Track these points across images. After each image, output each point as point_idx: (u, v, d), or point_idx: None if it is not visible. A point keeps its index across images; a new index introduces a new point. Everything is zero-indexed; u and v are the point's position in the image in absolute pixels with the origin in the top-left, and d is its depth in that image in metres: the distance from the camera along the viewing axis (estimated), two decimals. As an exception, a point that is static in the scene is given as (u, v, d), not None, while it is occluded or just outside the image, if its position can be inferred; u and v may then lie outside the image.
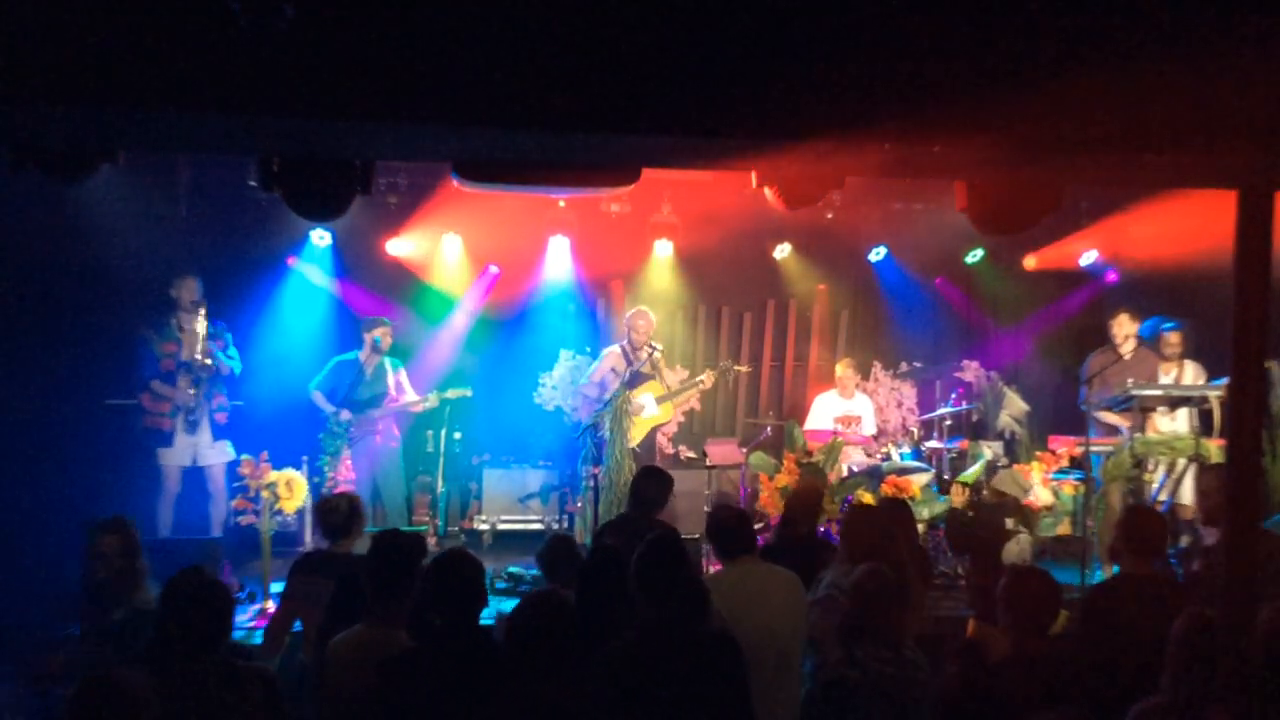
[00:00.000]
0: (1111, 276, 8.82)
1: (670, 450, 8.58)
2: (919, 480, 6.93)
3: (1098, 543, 6.66)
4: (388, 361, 7.22)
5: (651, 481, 4.99)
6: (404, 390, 7.27)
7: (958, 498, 6.28)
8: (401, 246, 8.32)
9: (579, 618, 3.20)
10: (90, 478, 6.41)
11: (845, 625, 3.46)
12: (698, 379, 7.77)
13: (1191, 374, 7.11)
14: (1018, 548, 5.43)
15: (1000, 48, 3.08)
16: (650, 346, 7.45)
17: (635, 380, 7.38)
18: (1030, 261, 9.11)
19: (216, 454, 6.75)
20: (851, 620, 3.44)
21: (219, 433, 6.77)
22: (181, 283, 6.70)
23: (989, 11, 3.08)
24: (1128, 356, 7.23)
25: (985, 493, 6.03)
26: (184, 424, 6.63)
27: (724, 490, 8.02)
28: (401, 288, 8.42)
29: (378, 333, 7.16)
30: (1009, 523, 5.46)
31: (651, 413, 7.40)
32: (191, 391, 6.65)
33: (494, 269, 8.76)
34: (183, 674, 3.00)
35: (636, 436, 7.31)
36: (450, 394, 7.39)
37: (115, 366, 6.85)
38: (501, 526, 8.04)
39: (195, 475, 6.75)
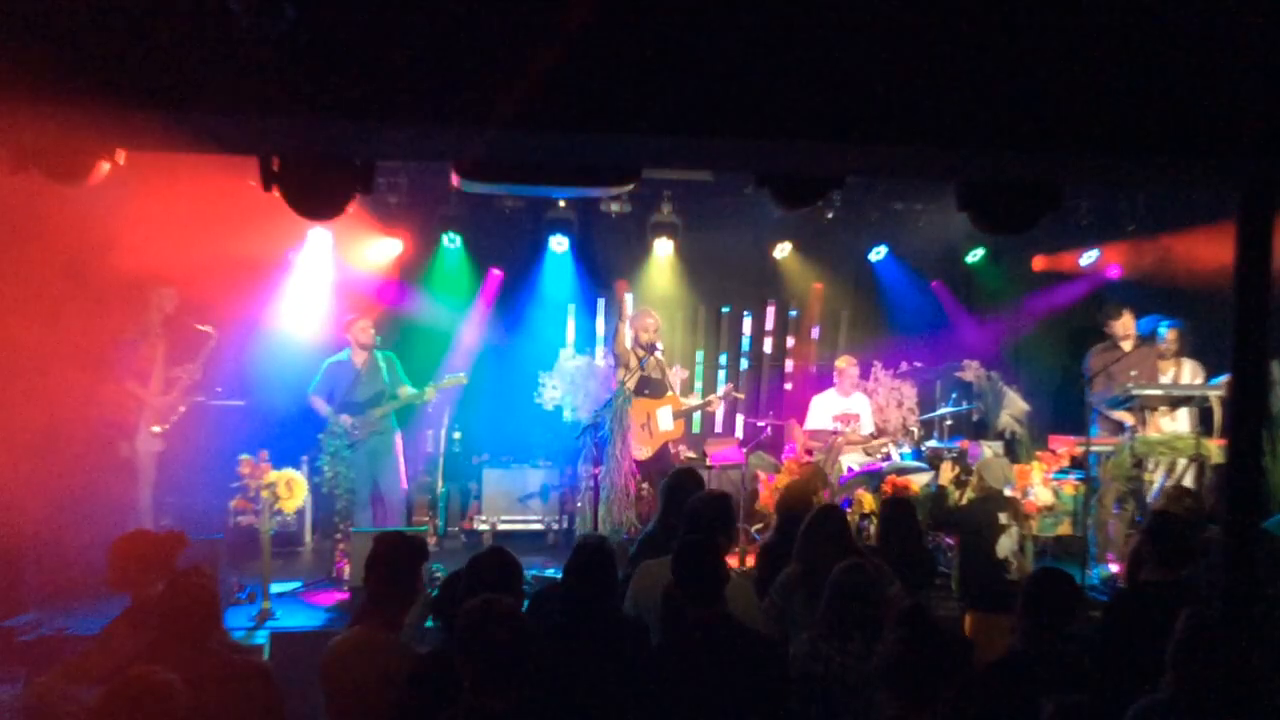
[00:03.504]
0: (1113, 272, 8.84)
1: (672, 451, 8.57)
2: (919, 480, 6.94)
3: (1093, 542, 6.67)
4: (380, 356, 7.20)
5: (691, 484, 4.75)
6: (401, 383, 7.24)
7: (945, 475, 6.31)
8: (403, 246, 8.35)
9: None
10: (86, 474, 6.40)
11: (819, 620, 3.48)
12: (708, 399, 8.07)
13: (1190, 372, 7.11)
14: (1009, 542, 5.45)
15: (1000, 48, 3.08)
16: (655, 348, 7.44)
17: (648, 388, 7.35)
18: (1038, 263, 9.13)
19: (158, 444, 6.79)
20: (825, 615, 3.45)
21: None
22: (161, 290, 6.78)
23: (989, 12, 3.07)
24: (1129, 351, 7.24)
25: (973, 477, 6.08)
26: (153, 428, 6.69)
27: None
28: (402, 287, 8.42)
29: (357, 328, 7.13)
30: (1001, 517, 5.47)
31: (666, 427, 7.42)
32: (182, 409, 6.73)
33: (496, 271, 8.78)
34: (181, 671, 3.00)
35: (653, 447, 7.33)
36: (446, 383, 7.37)
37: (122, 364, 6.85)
38: (501, 526, 8.04)
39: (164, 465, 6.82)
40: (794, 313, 9.59)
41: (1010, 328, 9.48)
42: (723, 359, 9.57)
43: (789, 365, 9.61)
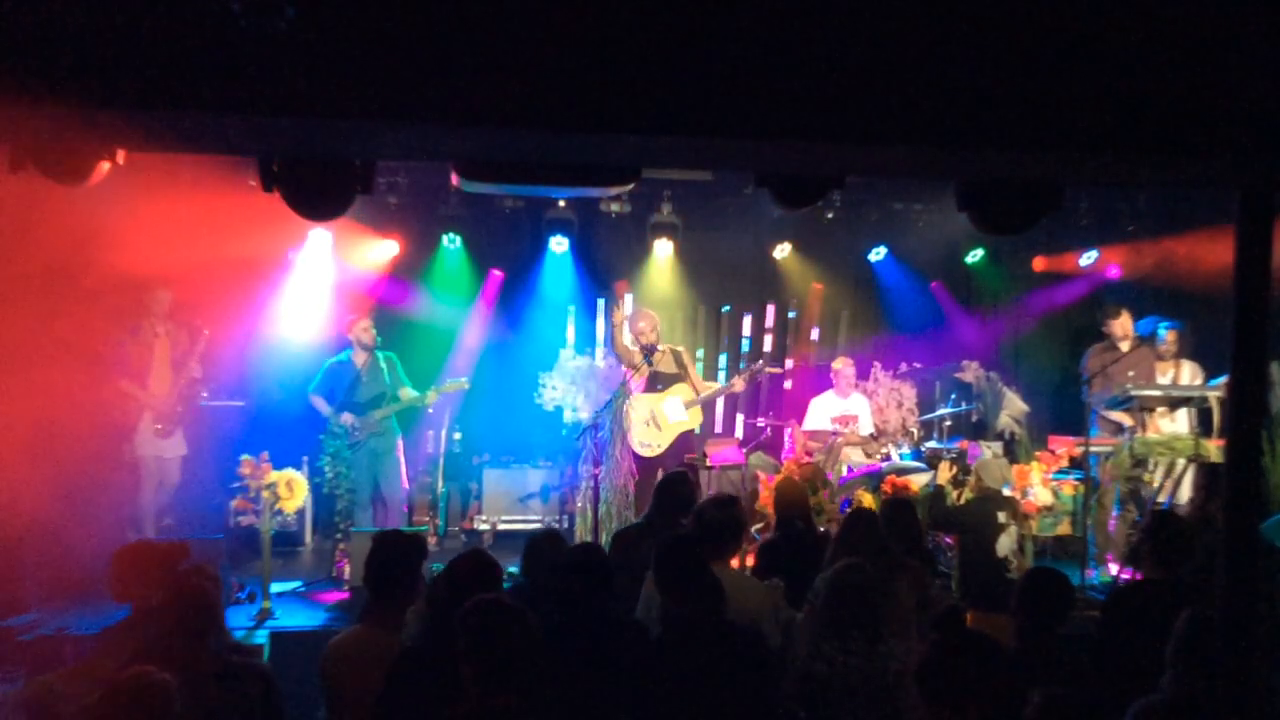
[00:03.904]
0: (1113, 272, 8.85)
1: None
2: (919, 480, 6.94)
3: (1092, 542, 6.67)
4: (382, 357, 7.20)
5: (682, 486, 4.90)
6: (402, 385, 7.23)
7: (943, 475, 6.32)
8: (403, 246, 8.36)
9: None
10: (85, 474, 6.39)
11: (817, 619, 3.48)
12: (731, 382, 7.64)
13: (1189, 373, 7.12)
14: (1009, 541, 5.47)
15: (1000, 47, 3.08)
16: (671, 349, 7.42)
17: (660, 383, 7.33)
18: (1039, 263, 9.14)
19: (179, 448, 6.79)
20: (823, 614, 3.46)
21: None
22: (156, 293, 6.77)
23: (989, 11, 3.08)
24: (1127, 351, 7.24)
25: (970, 478, 6.11)
26: (154, 427, 6.66)
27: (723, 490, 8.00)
28: (403, 288, 8.43)
29: (359, 328, 7.13)
30: (1000, 516, 5.49)
31: (679, 418, 7.31)
32: (179, 409, 6.70)
33: (497, 272, 8.79)
34: (181, 671, 3.01)
35: (664, 442, 7.27)
36: (448, 387, 7.37)
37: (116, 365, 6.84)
38: (501, 526, 8.04)
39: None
40: (793, 313, 9.59)
41: (1010, 327, 9.49)
42: (723, 359, 9.57)
43: (789, 365, 9.60)
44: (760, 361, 7.92)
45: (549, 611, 3.46)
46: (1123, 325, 7.26)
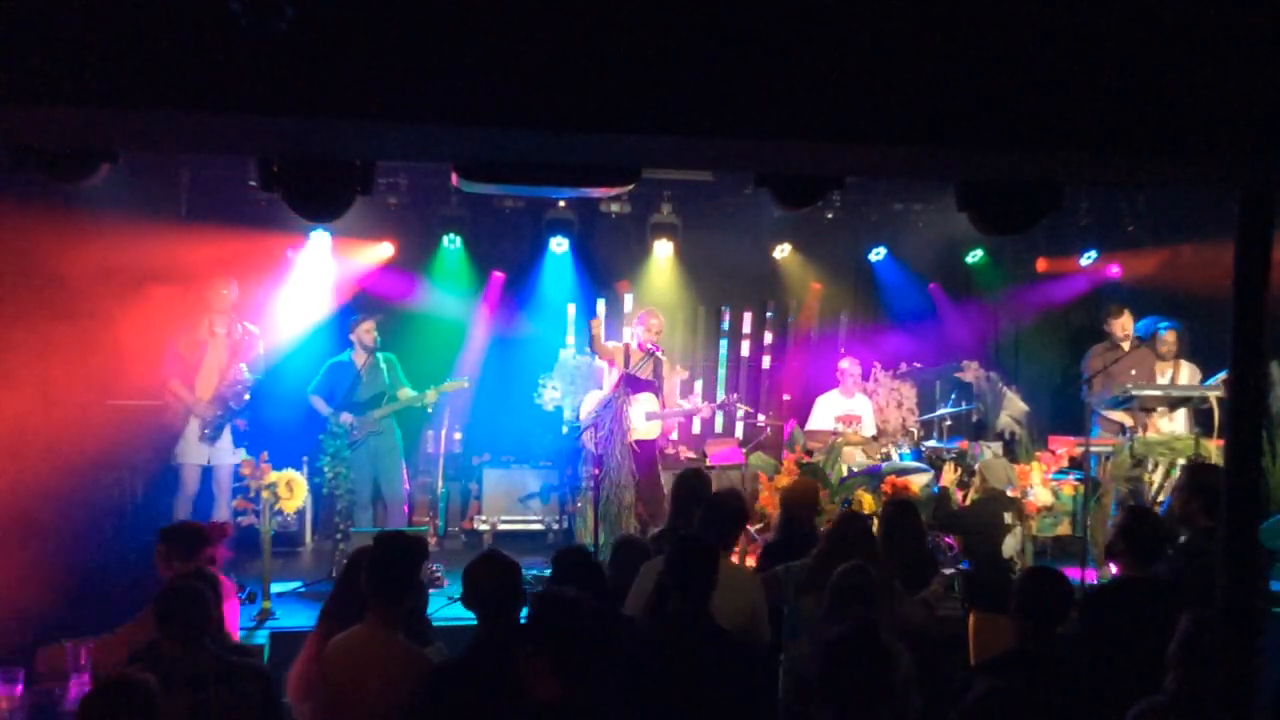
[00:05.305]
0: (1114, 271, 8.85)
1: (671, 450, 8.56)
2: (919, 480, 6.93)
3: (1091, 543, 6.67)
4: (381, 358, 7.19)
5: (695, 480, 4.95)
6: (401, 385, 7.22)
7: (949, 476, 6.32)
8: (404, 247, 8.35)
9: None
10: (103, 478, 6.39)
11: (820, 622, 3.49)
12: (697, 406, 7.83)
13: (1187, 374, 7.13)
14: (1014, 542, 5.47)
15: (1000, 47, 3.08)
16: (656, 356, 7.41)
17: (630, 387, 7.30)
18: (1042, 264, 9.15)
19: (229, 455, 6.76)
20: (827, 618, 3.46)
21: (238, 439, 6.80)
22: (219, 287, 6.72)
23: (988, 10, 3.08)
24: (1128, 351, 7.25)
25: (975, 478, 6.11)
26: (200, 433, 6.64)
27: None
28: (403, 289, 8.43)
29: (362, 330, 7.11)
30: (1006, 517, 5.49)
31: (638, 425, 7.32)
32: (218, 413, 6.66)
33: (498, 273, 8.78)
34: (180, 670, 3.01)
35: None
36: (448, 387, 7.38)
37: (114, 367, 6.83)
38: (502, 527, 8.04)
39: (206, 474, 6.78)
40: (792, 316, 9.59)
41: (1010, 327, 9.49)
42: (722, 360, 9.58)
43: (788, 366, 9.60)
44: (735, 396, 8.05)
45: None
46: (1123, 325, 7.28)
